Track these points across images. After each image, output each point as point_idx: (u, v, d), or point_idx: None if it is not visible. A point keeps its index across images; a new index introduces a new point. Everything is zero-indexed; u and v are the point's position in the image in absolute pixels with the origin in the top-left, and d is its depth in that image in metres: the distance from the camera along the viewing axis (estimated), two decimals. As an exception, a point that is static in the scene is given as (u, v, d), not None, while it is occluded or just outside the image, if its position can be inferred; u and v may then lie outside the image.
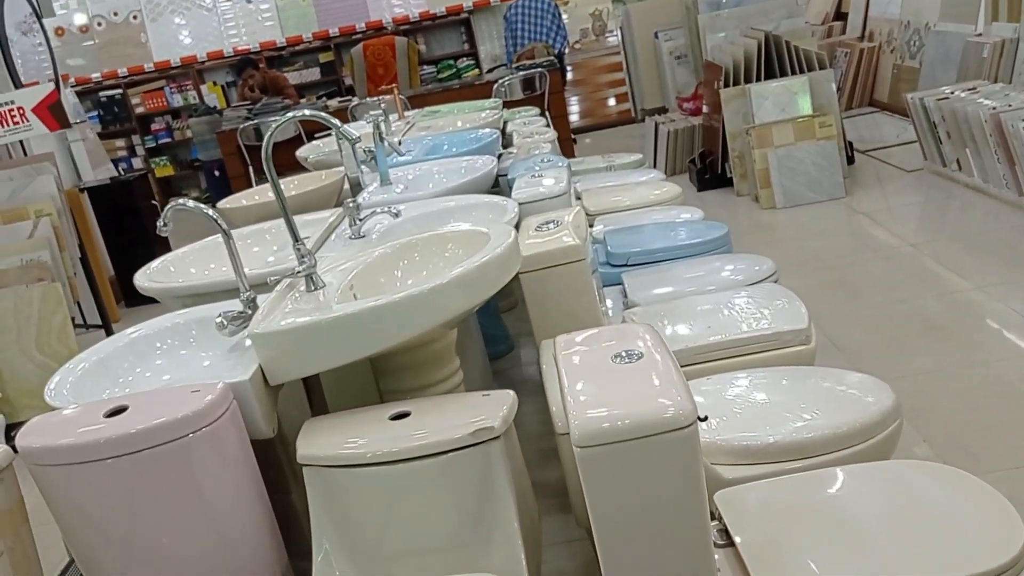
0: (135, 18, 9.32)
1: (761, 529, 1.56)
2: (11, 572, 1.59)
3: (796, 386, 2.07)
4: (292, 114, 1.97)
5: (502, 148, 3.78)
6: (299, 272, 1.93)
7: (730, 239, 3.21)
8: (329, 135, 4.52)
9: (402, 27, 9.24)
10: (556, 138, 4.02)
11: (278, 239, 2.64)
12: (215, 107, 9.22)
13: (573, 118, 9.32)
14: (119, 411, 1.61)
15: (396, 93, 4.72)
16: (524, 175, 3.03)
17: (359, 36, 9.04)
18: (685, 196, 3.89)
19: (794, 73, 5.64)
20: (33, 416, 1.67)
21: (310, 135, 5.46)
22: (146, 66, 9.38)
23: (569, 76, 9.29)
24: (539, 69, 6.36)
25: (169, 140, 9.71)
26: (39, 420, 1.63)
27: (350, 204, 2.54)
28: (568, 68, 9.21)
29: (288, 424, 1.93)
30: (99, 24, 9.34)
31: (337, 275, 2.03)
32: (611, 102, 9.79)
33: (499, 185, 3.24)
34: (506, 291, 2.61)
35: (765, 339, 2.30)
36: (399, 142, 3.49)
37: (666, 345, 1.52)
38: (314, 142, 4.25)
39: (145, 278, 2.42)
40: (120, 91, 9.45)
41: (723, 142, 5.89)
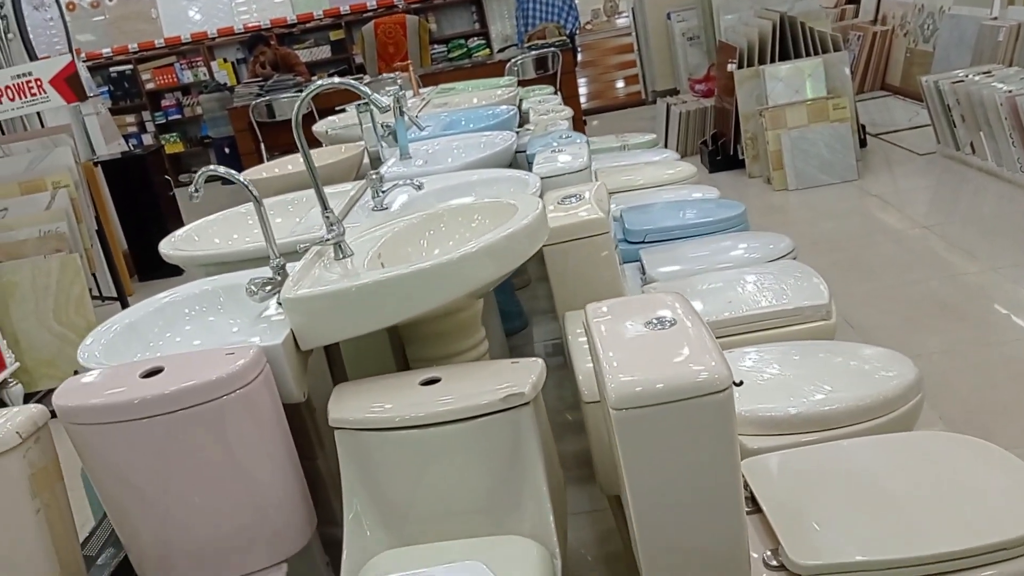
0: (146, -7, 9.33)
1: (788, 496, 1.58)
2: (48, 528, 1.62)
3: (818, 359, 2.08)
4: (323, 82, 1.98)
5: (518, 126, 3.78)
6: (328, 240, 1.95)
7: (747, 218, 3.21)
8: (344, 111, 4.54)
9: (413, 5, 9.22)
10: (572, 116, 4.02)
11: (300, 211, 2.66)
12: (225, 84, 9.22)
13: (581, 100, 9.31)
14: (155, 372, 1.63)
15: (411, 70, 4.72)
16: (544, 151, 3.03)
17: (370, 14, 9.03)
18: (697, 177, 3.90)
19: (808, 55, 5.63)
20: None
21: (322, 113, 5.45)
22: (156, 42, 9.38)
23: (579, 57, 9.26)
24: (552, 49, 6.35)
25: (179, 117, 9.72)
26: (76, 380, 1.65)
27: (373, 176, 2.55)
28: (579, 49, 9.19)
29: (311, 392, 1.95)
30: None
31: (364, 244, 2.04)
32: (620, 84, 9.78)
33: (516, 162, 3.25)
34: (520, 268, 2.63)
35: (786, 314, 2.32)
36: (416, 117, 3.50)
37: (697, 313, 1.54)
38: (330, 118, 4.25)
39: (170, 246, 2.44)
40: (131, 67, 9.45)
41: (736, 123, 5.88)
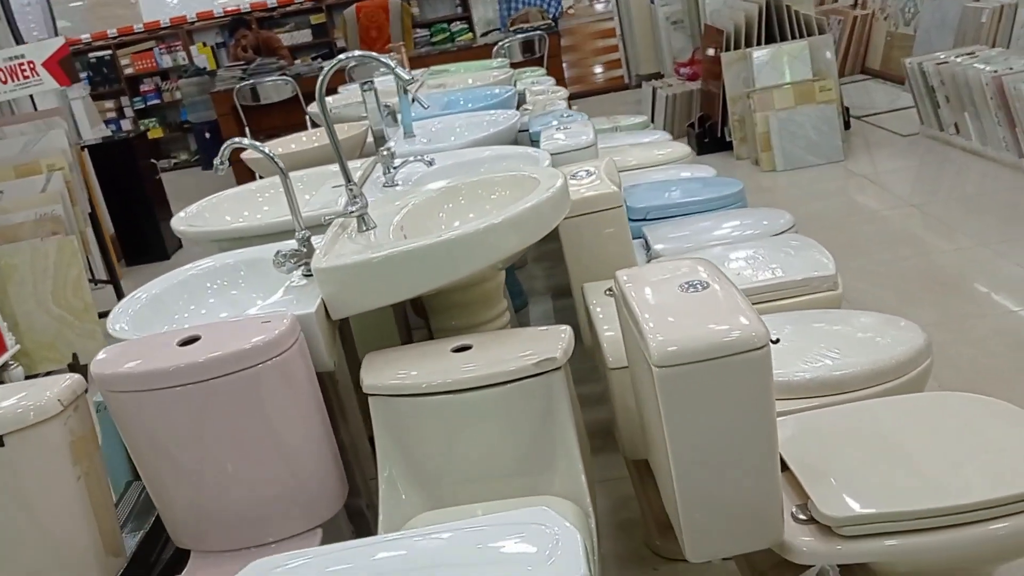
0: (124, -22, 9.23)
1: (812, 455, 1.63)
2: (87, 494, 1.64)
3: (830, 327, 2.13)
4: (345, 55, 1.99)
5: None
6: (353, 212, 1.97)
7: (745, 195, 3.26)
8: (338, 93, 4.55)
9: (395, -10, 9.18)
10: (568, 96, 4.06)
11: (310, 187, 2.67)
12: (205, 68, 9.16)
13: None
14: (192, 340, 1.65)
15: (404, 52, 4.72)
16: (548, 128, 3.06)
17: (351, -2, 8.98)
18: (691, 157, 3.94)
19: (793, 38, 5.70)
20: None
21: (307, 97, 5.44)
22: (135, 27, 9.29)
23: (562, 42, 9.27)
24: (538, 32, 6.38)
25: (158, 102, 9.64)
26: (114, 348, 1.67)
27: (384, 152, 2.57)
28: (560, 35, 9.20)
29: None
30: (88, -16, 9.24)
31: (385, 217, 2.06)
32: (599, 69, 9.80)
33: (518, 140, 3.27)
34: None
35: (795, 284, 2.36)
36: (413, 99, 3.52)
37: (727, 276, 1.58)
38: (327, 98, 4.26)
39: (182, 223, 2.45)
40: (110, 52, 9.36)
41: (723, 106, 5.93)
